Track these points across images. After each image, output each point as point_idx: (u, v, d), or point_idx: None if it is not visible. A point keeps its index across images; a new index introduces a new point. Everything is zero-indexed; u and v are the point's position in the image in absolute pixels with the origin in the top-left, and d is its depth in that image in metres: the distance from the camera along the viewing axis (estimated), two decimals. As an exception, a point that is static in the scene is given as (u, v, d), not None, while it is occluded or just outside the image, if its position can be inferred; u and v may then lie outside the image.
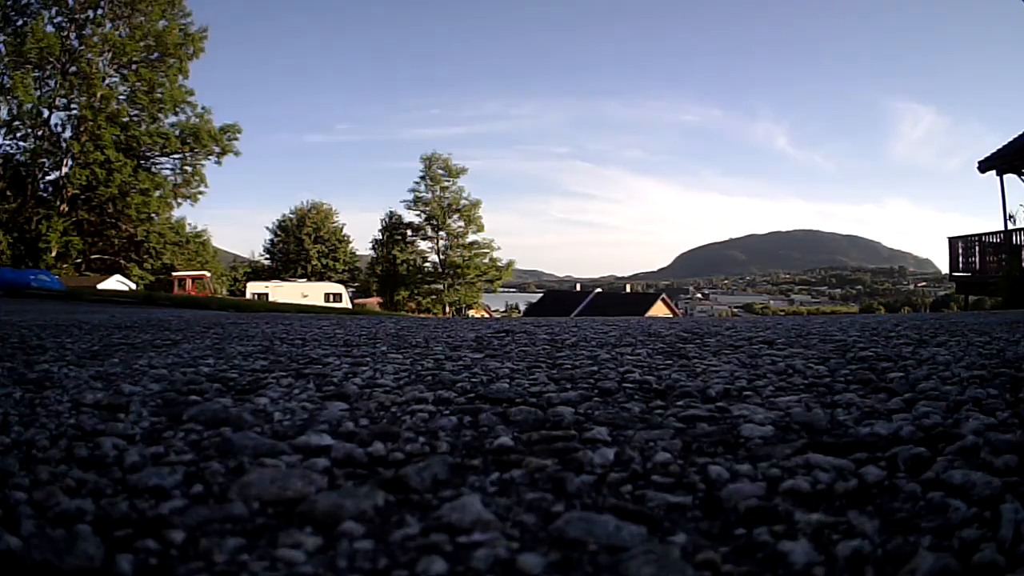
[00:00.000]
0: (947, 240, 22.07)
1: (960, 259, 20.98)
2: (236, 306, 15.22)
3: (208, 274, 33.11)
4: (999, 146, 19.23)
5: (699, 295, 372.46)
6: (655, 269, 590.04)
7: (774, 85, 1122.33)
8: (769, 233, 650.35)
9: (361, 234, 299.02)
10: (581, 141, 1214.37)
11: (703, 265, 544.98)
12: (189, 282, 30.87)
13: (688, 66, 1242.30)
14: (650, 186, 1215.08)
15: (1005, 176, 18.69)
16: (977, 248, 20.13)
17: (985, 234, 20.03)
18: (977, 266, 20.01)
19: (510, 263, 57.95)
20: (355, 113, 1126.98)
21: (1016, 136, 19.14)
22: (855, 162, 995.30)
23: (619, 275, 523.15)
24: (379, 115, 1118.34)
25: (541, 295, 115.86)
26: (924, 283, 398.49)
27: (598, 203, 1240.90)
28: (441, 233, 53.36)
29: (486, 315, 58.33)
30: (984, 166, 19.07)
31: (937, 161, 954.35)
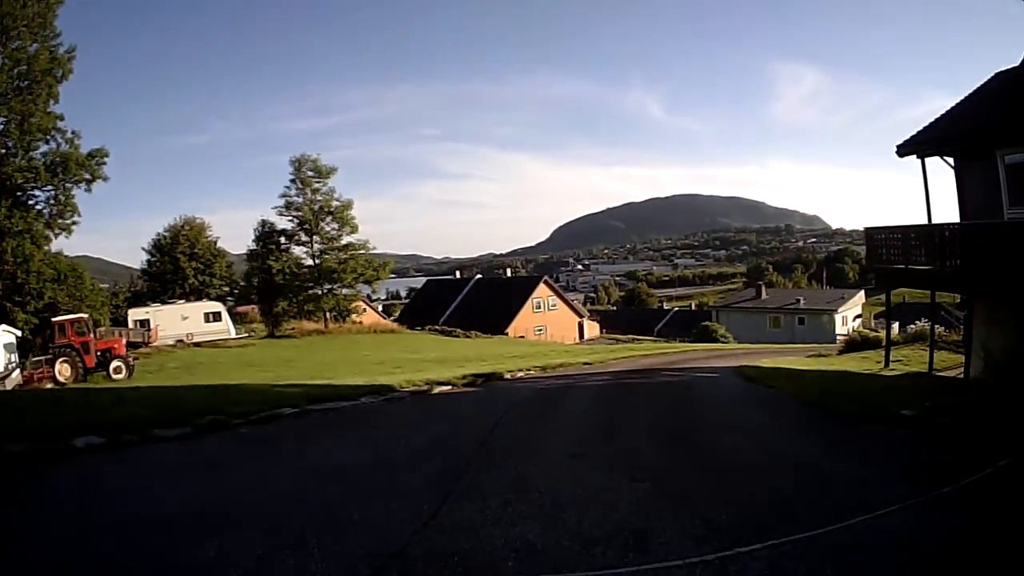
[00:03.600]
0: (864, 232, 22.35)
1: (883, 252, 20.61)
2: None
3: (86, 316, 34.63)
4: (918, 129, 18.82)
5: (580, 267, 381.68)
6: (533, 244, 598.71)
7: (644, 53, 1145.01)
8: (647, 200, 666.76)
9: (244, 233, 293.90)
10: (452, 122, 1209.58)
11: (581, 237, 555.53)
12: (68, 327, 31.70)
13: (555, 40, 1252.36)
14: (523, 162, 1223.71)
15: (928, 159, 18.44)
16: (898, 241, 19.70)
17: (907, 227, 19.56)
18: (896, 258, 19.66)
19: (387, 263, 60.95)
20: (229, 111, 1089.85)
21: (937, 117, 18.88)
22: (735, 125, 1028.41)
23: (497, 252, 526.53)
24: (253, 111, 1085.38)
25: (421, 284, 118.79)
26: (813, 239, 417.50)
27: (472, 182, 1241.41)
28: (315, 237, 55.68)
29: (362, 306, 61.54)
30: (904, 150, 18.70)
31: (820, 119, 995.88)
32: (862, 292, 76.67)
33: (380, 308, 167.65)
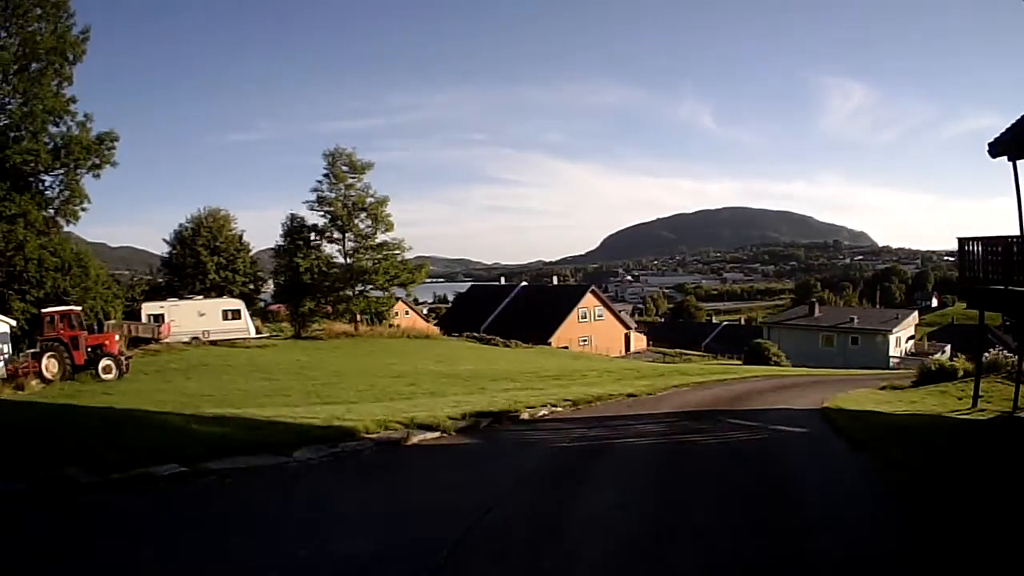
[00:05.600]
0: (956, 241, 17.70)
1: (977, 267, 16.65)
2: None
3: (78, 308, 31.75)
4: (1013, 121, 15.83)
5: (628, 278, 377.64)
6: (582, 253, 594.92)
7: (697, 63, 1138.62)
8: (697, 212, 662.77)
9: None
10: (500, 127, 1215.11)
11: (631, 247, 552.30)
12: (58, 320, 29.27)
13: (608, 47, 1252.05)
14: (572, 169, 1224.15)
15: (1020, 162, 15.47)
16: (998, 255, 15.79)
17: (1011, 238, 15.64)
18: (995, 276, 15.84)
19: (423, 265, 57.29)
20: (275, 111, 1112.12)
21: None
22: (784, 139, 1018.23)
23: (546, 260, 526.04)
24: (299, 111, 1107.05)
25: (467, 289, 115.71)
26: (860, 256, 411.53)
27: (521, 188, 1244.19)
28: (348, 235, 52.03)
29: (398, 310, 57.62)
30: (997, 150, 15.56)
31: (869, 135, 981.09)
32: (915, 313, 74.07)
33: (425, 311, 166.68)
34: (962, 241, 17.49)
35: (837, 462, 10.18)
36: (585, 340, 71.77)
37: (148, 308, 43.07)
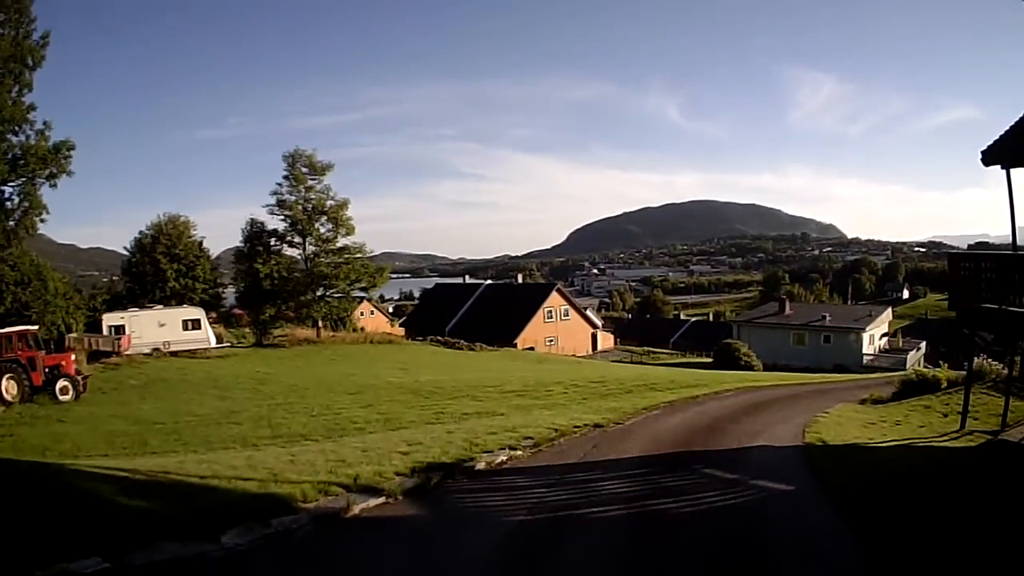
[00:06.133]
0: (947, 258, 17.42)
1: (970, 285, 15.33)
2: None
3: (34, 327, 30.37)
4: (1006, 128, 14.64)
5: (595, 271, 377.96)
6: (549, 247, 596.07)
7: (663, 57, 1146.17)
8: (664, 205, 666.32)
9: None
10: (469, 123, 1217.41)
11: (598, 240, 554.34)
12: (15, 339, 27.97)
13: (575, 42, 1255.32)
14: (540, 164, 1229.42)
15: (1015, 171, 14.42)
16: (991, 271, 14.87)
17: (1008, 255, 14.99)
18: (989, 295, 14.66)
19: (384, 268, 56.09)
20: (246, 107, 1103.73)
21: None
22: (752, 132, 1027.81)
23: (513, 254, 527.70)
24: (272, 107, 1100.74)
25: (432, 286, 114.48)
26: (829, 248, 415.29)
27: (488, 183, 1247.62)
28: (308, 239, 50.78)
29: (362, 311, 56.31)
30: (991, 158, 14.35)
31: (838, 127, 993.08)
32: (888, 310, 72.21)
33: (391, 309, 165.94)
34: (954, 258, 16.99)
35: (827, 548, 8.97)
36: (552, 340, 71.05)
37: (109, 319, 41.69)
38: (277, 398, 26.36)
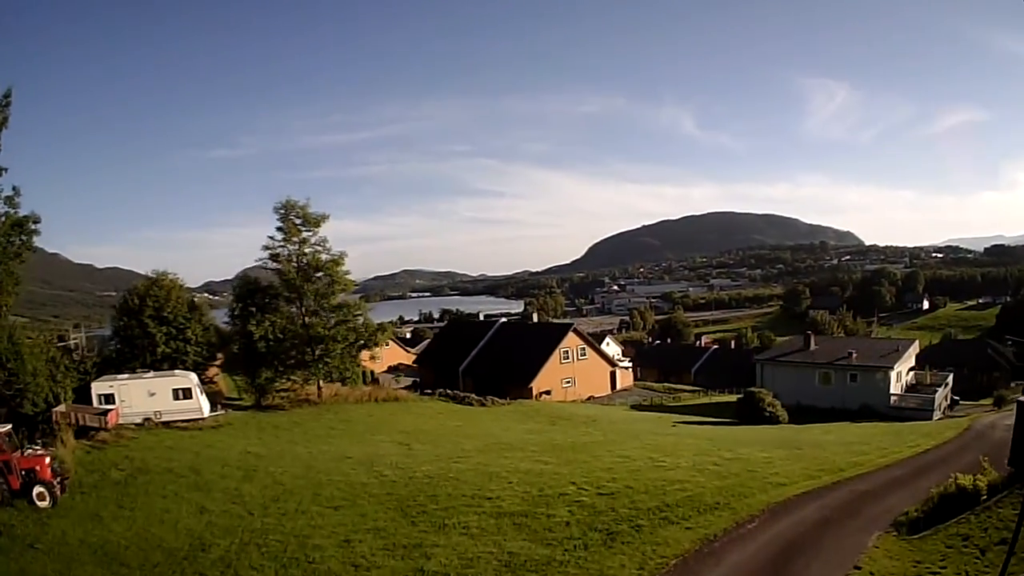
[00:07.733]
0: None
1: None
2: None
3: (7, 427, 27.41)
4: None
5: (615, 287, 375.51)
6: (568, 262, 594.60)
7: (676, 69, 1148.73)
8: (682, 218, 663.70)
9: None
10: (483, 139, 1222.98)
11: (617, 254, 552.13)
12: None
13: (586, 57, 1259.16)
14: (556, 178, 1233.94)
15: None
16: None
17: None
18: None
19: (386, 326, 54.04)
20: (257, 125, 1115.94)
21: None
22: (766, 142, 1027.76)
23: (532, 270, 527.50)
24: (281, 124, 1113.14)
25: (441, 328, 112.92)
26: (847, 256, 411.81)
27: (505, 199, 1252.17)
28: (305, 299, 48.48)
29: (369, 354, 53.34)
30: None
31: (852, 134, 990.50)
32: (916, 344, 70.19)
33: (408, 333, 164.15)
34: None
35: None
36: (568, 382, 68.66)
37: (98, 388, 39.20)
38: (255, 512, 23.82)
